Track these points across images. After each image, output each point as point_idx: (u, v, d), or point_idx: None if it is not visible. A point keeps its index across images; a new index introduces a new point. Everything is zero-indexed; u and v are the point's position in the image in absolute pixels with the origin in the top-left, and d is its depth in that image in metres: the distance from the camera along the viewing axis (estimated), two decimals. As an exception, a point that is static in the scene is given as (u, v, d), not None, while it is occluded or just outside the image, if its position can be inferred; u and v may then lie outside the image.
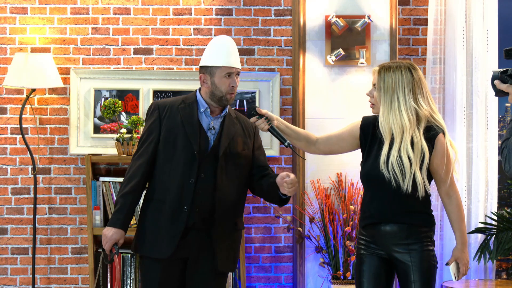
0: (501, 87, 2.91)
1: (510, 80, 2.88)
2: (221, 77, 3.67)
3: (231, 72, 3.69)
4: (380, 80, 3.49)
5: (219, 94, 3.69)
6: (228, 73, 3.68)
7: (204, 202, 3.65)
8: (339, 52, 5.09)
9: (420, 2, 5.24)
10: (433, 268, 3.46)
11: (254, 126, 3.82)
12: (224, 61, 3.68)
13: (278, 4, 5.16)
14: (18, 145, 5.08)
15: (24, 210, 5.07)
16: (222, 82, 3.67)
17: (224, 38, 3.77)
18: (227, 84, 3.67)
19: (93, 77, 5.04)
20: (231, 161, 3.70)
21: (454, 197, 3.51)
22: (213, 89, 3.69)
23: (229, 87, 3.67)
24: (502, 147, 2.87)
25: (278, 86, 5.10)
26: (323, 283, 5.08)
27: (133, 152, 4.82)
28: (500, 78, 2.93)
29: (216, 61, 3.68)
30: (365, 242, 3.54)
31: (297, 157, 5.06)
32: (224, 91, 3.68)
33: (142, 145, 3.72)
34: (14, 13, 5.08)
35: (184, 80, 5.05)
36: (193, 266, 3.67)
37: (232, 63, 3.69)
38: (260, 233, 5.15)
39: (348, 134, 3.64)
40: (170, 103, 3.76)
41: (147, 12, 5.12)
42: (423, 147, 3.42)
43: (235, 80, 3.69)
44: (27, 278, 5.07)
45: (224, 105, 3.72)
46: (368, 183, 3.54)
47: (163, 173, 3.69)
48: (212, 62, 3.69)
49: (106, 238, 3.67)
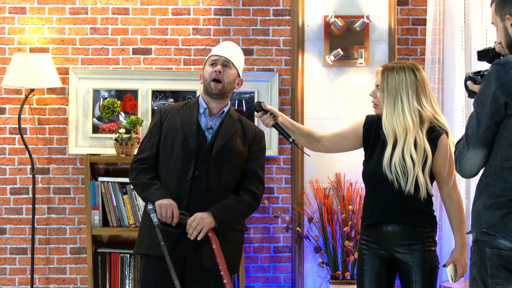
0: (473, 88, 2.94)
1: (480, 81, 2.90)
2: (207, 65, 3.77)
3: (216, 60, 3.75)
4: (383, 81, 3.49)
5: (206, 84, 3.75)
6: (213, 61, 3.75)
7: (198, 200, 3.66)
8: (338, 52, 5.09)
9: (419, 2, 5.25)
10: (435, 268, 3.46)
11: (257, 131, 3.83)
12: (212, 52, 3.79)
13: (277, 4, 5.16)
14: (16, 145, 5.07)
15: (23, 210, 5.07)
16: (207, 70, 3.76)
17: (227, 41, 3.90)
18: (210, 71, 3.73)
19: (92, 77, 5.04)
20: (226, 160, 3.72)
21: (455, 198, 3.50)
22: (204, 82, 3.78)
23: (212, 73, 3.72)
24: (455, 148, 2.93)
25: (277, 86, 5.10)
26: (322, 283, 5.08)
27: (132, 152, 4.84)
28: (472, 79, 2.95)
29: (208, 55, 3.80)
30: (367, 242, 3.54)
31: (296, 157, 5.07)
32: (208, 78, 3.73)
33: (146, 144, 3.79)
34: (12, 13, 5.07)
35: (183, 80, 5.05)
36: (192, 265, 3.67)
37: (219, 52, 3.76)
38: (259, 233, 5.15)
39: (352, 132, 3.64)
40: (172, 107, 3.86)
41: (146, 12, 5.12)
42: (426, 148, 3.42)
43: (218, 68, 3.72)
44: (26, 278, 5.06)
45: (210, 94, 3.73)
46: (370, 183, 3.54)
47: (163, 172, 3.73)
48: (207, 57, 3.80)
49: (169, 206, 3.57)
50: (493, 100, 2.76)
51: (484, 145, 2.81)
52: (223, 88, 3.73)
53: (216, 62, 3.75)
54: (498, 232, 2.77)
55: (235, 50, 3.84)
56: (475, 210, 2.87)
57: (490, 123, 2.78)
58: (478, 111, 2.80)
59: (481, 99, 2.80)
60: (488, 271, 2.80)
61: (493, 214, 2.79)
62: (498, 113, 2.77)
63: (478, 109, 2.80)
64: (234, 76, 3.78)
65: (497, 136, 2.80)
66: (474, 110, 2.83)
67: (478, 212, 2.85)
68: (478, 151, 2.82)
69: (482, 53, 3.06)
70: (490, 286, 2.79)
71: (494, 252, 2.78)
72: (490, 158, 2.83)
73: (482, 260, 2.82)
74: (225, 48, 3.81)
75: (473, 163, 2.85)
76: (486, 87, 2.78)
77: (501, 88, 2.74)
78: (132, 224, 4.85)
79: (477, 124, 2.80)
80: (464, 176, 2.89)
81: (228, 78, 3.74)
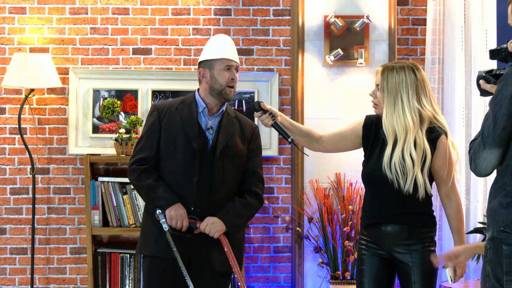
0: (485, 87, 2.97)
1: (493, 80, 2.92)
2: (220, 69, 3.69)
3: (231, 65, 3.70)
4: (383, 80, 3.49)
5: (218, 88, 3.69)
6: (228, 66, 3.70)
7: (205, 201, 3.65)
8: (337, 52, 5.09)
9: (419, 2, 5.24)
10: (434, 269, 3.46)
11: (253, 128, 3.82)
12: (223, 54, 3.71)
13: (277, 4, 5.16)
14: (16, 145, 5.08)
15: (23, 210, 5.07)
16: (222, 75, 3.69)
17: (223, 35, 3.83)
18: (227, 76, 3.69)
19: (91, 77, 5.04)
20: (229, 160, 3.71)
21: (454, 199, 3.50)
22: (212, 83, 3.71)
23: (228, 80, 3.68)
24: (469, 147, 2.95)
25: (276, 86, 5.10)
26: (322, 283, 5.08)
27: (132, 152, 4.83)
28: (485, 78, 2.97)
29: (215, 54, 3.72)
30: (366, 242, 3.54)
31: (296, 157, 5.07)
32: (223, 84, 3.69)
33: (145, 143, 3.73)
34: (12, 13, 5.07)
35: (183, 80, 5.05)
36: (195, 266, 3.67)
37: (232, 57, 3.72)
38: (259, 233, 5.15)
39: (351, 132, 3.64)
40: (169, 105, 3.77)
41: (146, 12, 5.12)
42: (425, 148, 3.42)
43: (234, 74, 3.70)
44: (26, 278, 5.06)
45: (224, 99, 3.71)
46: (370, 183, 3.53)
47: (166, 174, 3.70)
48: (212, 55, 3.72)
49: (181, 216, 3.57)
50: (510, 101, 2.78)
51: (500, 145, 2.83)
52: (234, 93, 3.76)
53: (231, 68, 3.71)
54: None
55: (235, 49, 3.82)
56: (492, 209, 2.90)
57: (506, 123, 2.80)
58: (495, 112, 2.82)
59: (498, 99, 2.82)
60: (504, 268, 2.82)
61: (510, 212, 2.82)
62: None
63: (495, 109, 2.82)
64: None
65: None
66: (490, 110, 2.85)
67: (494, 211, 2.88)
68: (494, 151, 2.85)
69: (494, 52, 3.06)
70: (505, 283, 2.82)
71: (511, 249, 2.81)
72: (506, 158, 2.86)
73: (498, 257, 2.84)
74: (231, 49, 3.76)
75: (489, 162, 2.88)
76: (504, 88, 2.80)
77: None
78: (132, 224, 4.85)
79: (494, 125, 2.82)
80: (478, 175, 2.92)
81: (237, 83, 3.76)
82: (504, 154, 2.86)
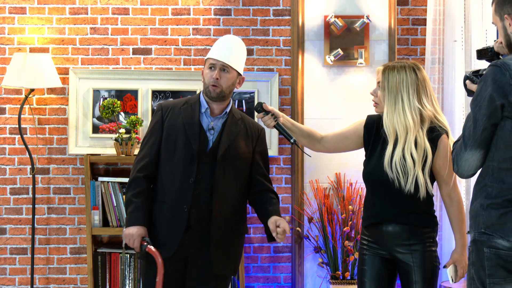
0: (471, 87, 2.97)
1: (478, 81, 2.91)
2: (206, 68, 3.73)
3: (214, 64, 3.69)
4: (384, 79, 3.49)
5: (204, 87, 3.73)
6: (211, 65, 3.70)
7: (202, 203, 3.64)
8: (338, 52, 5.09)
9: (418, 2, 5.25)
10: (435, 268, 3.46)
11: (259, 130, 3.82)
12: (211, 54, 3.73)
13: (277, 4, 5.16)
14: (16, 145, 5.08)
15: (23, 210, 5.07)
16: (206, 74, 3.72)
17: (228, 36, 3.82)
18: (209, 75, 3.70)
19: (91, 77, 5.04)
20: (231, 162, 3.69)
21: (455, 199, 3.50)
22: (203, 81, 3.76)
23: (210, 79, 3.69)
24: (452, 149, 2.97)
25: (277, 86, 5.10)
26: (322, 283, 5.08)
27: (132, 152, 4.84)
28: (470, 78, 2.97)
29: (208, 54, 3.75)
30: (367, 242, 3.54)
31: (296, 157, 5.07)
32: (207, 83, 3.71)
33: (145, 146, 3.73)
34: (12, 13, 5.07)
35: (183, 80, 5.05)
36: (192, 266, 3.67)
37: (217, 56, 3.70)
38: (259, 233, 5.15)
39: (353, 132, 3.64)
40: (173, 104, 3.78)
41: (146, 12, 5.12)
42: (426, 147, 3.42)
43: (216, 73, 3.68)
44: (26, 278, 5.06)
45: (210, 97, 3.72)
46: (371, 183, 3.53)
47: (165, 173, 3.69)
48: (207, 55, 3.76)
49: (131, 236, 3.58)
50: (489, 102, 2.77)
51: (481, 146, 2.83)
52: (221, 92, 3.70)
53: (215, 67, 3.69)
54: (496, 232, 2.79)
55: (235, 49, 3.75)
56: (473, 211, 2.89)
57: (486, 124, 2.80)
58: (475, 113, 2.81)
59: (477, 100, 2.81)
60: (486, 271, 2.81)
61: (491, 214, 2.80)
62: (494, 115, 2.78)
63: (475, 110, 2.82)
64: (233, 79, 3.73)
65: (494, 138, 2.82)
66: (471, 111, 2.84)
67: (475, 213, 2.87)
68: (475, 152, 2.84)
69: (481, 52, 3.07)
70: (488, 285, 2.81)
71: (492, 251, 2.80)
72: (487, 159, 2.85)
73: (480, 260, 2.83)
74: (224, 49, 3.73)
75: (470, 163, 2.87)
76: (483, 88, 2.79)
77: (497, 90, 2.75)
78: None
79: (474, 126, 2.82)
80: (461, 176, 2.92)
81: (226, 83, 3.69)
82: (486, 155, 2.85)
